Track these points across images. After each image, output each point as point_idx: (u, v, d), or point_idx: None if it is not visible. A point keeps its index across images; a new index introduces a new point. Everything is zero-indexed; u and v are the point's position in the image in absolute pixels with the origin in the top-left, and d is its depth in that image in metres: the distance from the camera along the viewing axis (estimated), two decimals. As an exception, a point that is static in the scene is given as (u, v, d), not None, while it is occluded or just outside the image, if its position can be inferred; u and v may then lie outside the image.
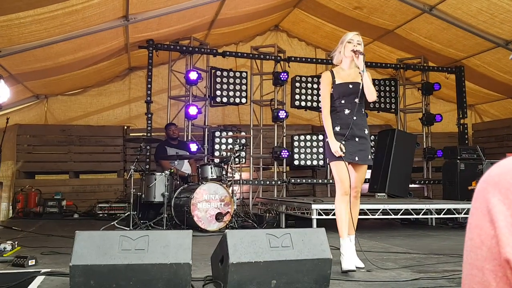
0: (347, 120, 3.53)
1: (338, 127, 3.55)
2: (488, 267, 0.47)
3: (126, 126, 9.01)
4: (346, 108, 3.55)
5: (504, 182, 0.47)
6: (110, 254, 2.40)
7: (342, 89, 3.57)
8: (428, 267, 3.54)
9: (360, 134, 3.55)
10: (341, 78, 3.60)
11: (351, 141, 3.53)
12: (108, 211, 7.58)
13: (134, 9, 5.89)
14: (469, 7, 6.70)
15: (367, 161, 3.57)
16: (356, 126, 3.54)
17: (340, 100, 3.58)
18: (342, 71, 3.64)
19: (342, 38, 3.66)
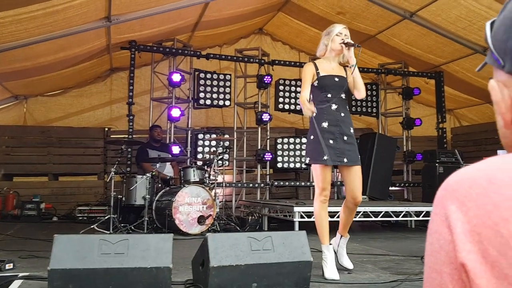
0: (335, 116, 3.30)
1: (326, 123, 3.28)
2: (446, 270, 0.49)
3: (107, 128, 8.93)
4: (333, 103, 3.31)
5: (461, 190, 0.50)
6: (89, 258, 2.39)
7: (328, 81, 3.35)
8: (407, 269, 3.59)
9: (348, 133, 3.32)
10: (325, 71, 3.39)
11: (339, 140, 3.28)
12: (88, 214, 7.48)
13: (116, 10, 5.85)
14: (448, 14, 6.83)
15: (358, 162, 3.32)
16: (344, 123, 3.31)
17: (326, 93, 3.34)
18: (326, 64, 3.43)
19: (328, 29, 3.45)
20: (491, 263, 0.45)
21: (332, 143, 3.25)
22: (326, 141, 3.23)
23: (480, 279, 0.46)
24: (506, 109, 0.59)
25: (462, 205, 0.49)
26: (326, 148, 3.21)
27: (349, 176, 3.33)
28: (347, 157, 3.27)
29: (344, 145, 3.29)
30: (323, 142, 3.23)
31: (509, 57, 0.57)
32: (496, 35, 0.59)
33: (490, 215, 0.46)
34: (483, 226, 0.47)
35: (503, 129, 0.62)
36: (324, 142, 3.22)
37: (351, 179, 3.32)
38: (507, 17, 0.57)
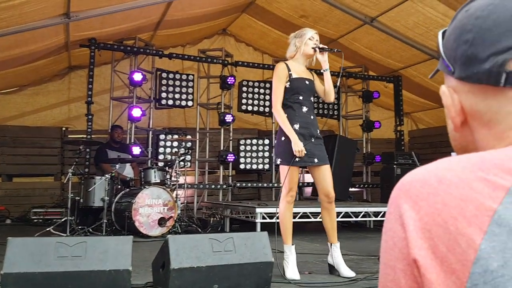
0: (306, 118, 3.38)
1: (298, 125, 3.34)
2: (399, 266, 0.51)
3: (65, 128, 8.67)
4: (304, 105, 3.39)
5: (414, 189, 0.52)
6: (45, 261, 2.32)
7: (299, 84, 3.41)
8: (365, 268, 3.68)
9: (316, 135, 3.42)
10: (297, 73, 3.45)
11: (309, 142, 3.35)
12: (43, 217, 7.23)
13: (76, 6, 5.70)
14: (406, 20, 7.05)
15: (327, 161, 3.42)
16: (313, 126, 3.40)
17: (297, 95, 3.39)
18: (297, 66, 3.49)
19: (300, 32, 3.50)
20: (440, 259, 0.47)
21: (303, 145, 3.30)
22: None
23: (430, 274, 0.48)
24: (455, 113, 0.62)
25: (415, 204, 0.51)
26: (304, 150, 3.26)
27: (320, 175, 3.40)
28: (317, 157, 3.36)
29: (313, 146, 3.37)
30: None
31: (458, 64, 0.60)
32: (447, 44, 0.62)
33: (440, 213, 0.49)
34: (433, 224, 0.49)
35: (453, 132, 0.65)
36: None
37: (322, 177, 3.40)
38: (457, 26, 0.61)
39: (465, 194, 0.49)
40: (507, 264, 0.44)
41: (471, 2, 0.61)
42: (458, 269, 0.46)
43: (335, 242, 3.50)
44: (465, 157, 0.53)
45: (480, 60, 0.56)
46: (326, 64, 3.44)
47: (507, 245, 0.45)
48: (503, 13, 0.55)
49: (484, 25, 0.57)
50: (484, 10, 0.57)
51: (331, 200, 3.44)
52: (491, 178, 0.49)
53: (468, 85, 0.59)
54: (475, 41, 0.57)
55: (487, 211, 0.47)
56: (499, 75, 0.55)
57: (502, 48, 0.54)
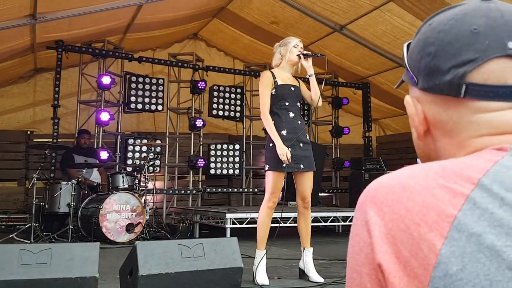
0: (293, 124, 3.43)
1: (285, 130, 3.40)
2: (365, 271, 0.53)
3: (30, 131, 8.43)
4: (290, 111, 3.45)
5: (380, 196, 0.54)
6: (8, 269, 2.24)
7: (285, 90, 3.48)
8: (333, 272, 3.73)
9: (304, 140, 3.47)
10: (282, 80, 3.52)
11: (297, 147, 3.40)
12: (6, 223, 6.98)
13: (43, 7, 5.57)
14: (375, 28, 7.21)
15: (312, 167, 3.47)
16: (300, 131, 3.45)
17: (284, 101, 3.46)
18: (283, 73, 3.56)
19: (285, 41, 3.59)
20: (403, 263, 0.49)
21: (290, 151, 3.33)
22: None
23: (394, 278, 0.49)
24: (419, 122, 0.64)
25: (380, 210, 0.53)
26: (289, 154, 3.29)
27: (303, 180, 3.46)
28: (303, 163, 3.41)
29: (301, 151, 3.42)
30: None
31: (421, 75, 0.62)
32: (411, 55, 0.65)
33: (403, 219, 0.51)
34: (397, 229, 0.51)
35: (417, 141, 0.67)
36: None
37: (303, 183, 3.45)
38: (421, 39, 0.63)
39: (427, 201, 0.50)
40: (466, 268, 0.46)
41: (435, 16, 0.63)
42: (420, 273, 0.48)
43: (308, 247, 3.53)
44: (428, 165, 0.55)
45: (442, 72, 0.59)
46: (311, 69, 3.52)
47: (465, 250, 0.47)
48: (463, 28, 0.58)
49: (446, 39, 0.59)
50: (446, 24, 0.60)
51: (307, 205, 3.49)
52: (451, 185, 0.51)
53: (431, 96, 0.62)
54: (437, 53, 0.59)
55: (447, 217, 0.49)
56: (460, 87, 0.57)
57: (462, 61, 0.57)
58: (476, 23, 0.58)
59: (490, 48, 0.56)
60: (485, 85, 0.56)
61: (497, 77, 0.56)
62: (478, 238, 0.47)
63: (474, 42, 0.57)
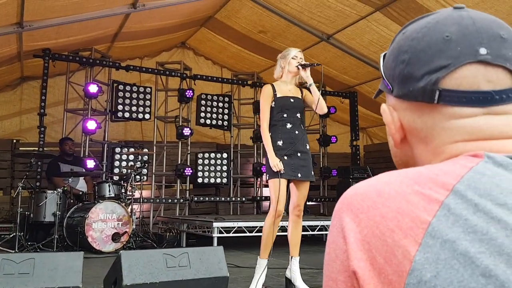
0: (290, 134, 3.49)
1: (281, 141, 3.48)
2: (341, 278, 0.52)
3: (16, 140, 8.33)
4: (288, 122, 3.51)
5: (355, 203, 0.54)
6: (-12, 279, 2.21)
7: (284, 102, 3.55)
8: (320, 282, 3.72)
9: (302, 149, 3.51)
10: (282, 92, 3.59)
11: (294, 157, 3.46)
12: (-10, 232, 6.89)
13: (29, 16, 5.53)
14: (362, 38, 7.29)
15: (310, 177, 3.51)
16: (298, 141, 3.50)
17: (282, 113, 3.53)
18: (284, 85, 3.63)
19: (284, 53, 3.67)
20: (378, 270, 0.49)
21: (287, 159, 3.41)
22: (281, 158, 3.41)
23: (368, 285, 0.49)
24: (395, 130, 0.65)
25: (355, 217, 0.53)
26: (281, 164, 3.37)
27: (298, 189, 3.50)
28: (301, 173, 3.45)
29: (298, 161, 3.47)
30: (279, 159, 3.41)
31: (396, 82, 0.63)
32: (386, 64, 0.66)
33: (378, 226, 0.50)
34: (372, 236, 0.50)
35: (394, 149, 0.68)
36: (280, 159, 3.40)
37: (299, 191, 3.50)
38: (395, 47, 0.64)
39: (401, 207, 0.50)
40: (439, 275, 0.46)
41: (408, 26, 0.65)
42: (395, 280, 0.48)
43: (296, 256, 3.53)
44: (404, 171, 0.55)
45: (415, 79, 0.60)
46: (310, 79, 3.56)
47: (439, 256, 0.47)
48: (436, 35, 0.59)
49: (418, 46, 0.60)
50: (419, 32, 0.61)
51: (299, 213, 3.51)
52: (426, 191, 0.51)
53: (406, 103, 0.62)
54: (410, 61, 0.60)
55: (422, 223, 0.49)
56: (433, 93, 0.58)
57: (434, 68, 0.58)
58: (448, 30, 0.59)
59: (462, 55, 0.57)
60: (458, 91, 0.57)
61: (470, 83, 0.57)
62: (452, 245, 0.47)
63: (447, 49, 0.58)
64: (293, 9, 7.06)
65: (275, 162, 3.34)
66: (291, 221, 3.55)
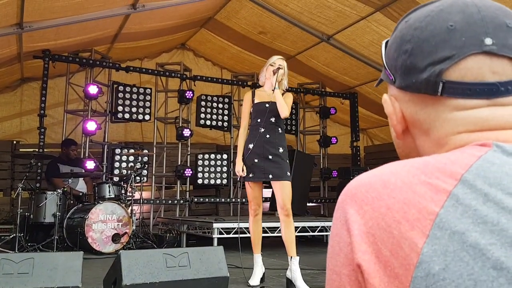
0: (261, 138, 3.66)
1: (251, 144, 3.68)
2: (344, 272, 0.51)
3: (16, 141, 8.32)
4: (261, 127, 3.68)
5: (360, 194, 0.52)
6: (-13, 279, 2.19)
7: (258, 107, 3.74)
8: (321, 282, 3.70)
9: (274, 152, 3.66)
10: (260, 98, 3.78)
11: (265, 160, 3.63)
12: (-10, 234, 6.87)
13: (29, 17, 5.53)
14: (362, 38, 7.27)
15: (284, 177, 3.62)
16: (269, 144, 3.66)
17: (256, 118, 3.73)
18: (263, 92, 3.82)
19: (268, 60, 3.84)
20: (384, 263, 0.47)
21: (257, 162, 3.63)
22: (252, 161, 3.64)
23: (373, 279, 0.47)
24: (397, 121, 0.63)
25: (360, 209, 0.51)
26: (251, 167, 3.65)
27: (277, 189, 3.66)
28: (272, 174, 3.62)
29: (268, 163, 3.64)
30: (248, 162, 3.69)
31: (399, 73, 0.61)
32: (388, 53, 0.64)
33: (383, 217, 0.49)
34: (377, 228, 0.49)
35: (396, 140, 0.66)
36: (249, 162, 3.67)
37: (278, 192, 3.64)
38: (397, 36, 0.62)
39: (408, 198, 0.49)
40: (448, 268, 0.44)
41: (411, 13, 0.63)
42: (401, 274, 0.46)
43: (294, 256, 3.57)
44: (410, 161, 0.54)
45: (418, 70, 0.58)
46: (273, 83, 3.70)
47: (448, 248, 0.45)
48: (440, 24, 0.57)
49: (422, 36, 0.58)
50: (422, 21, 0.59)
51: (287, 213, 3.59)
52: (433, 181, 0.49)
53: (409, 94, 0.61)
54: (413, 51, 0.59)
55: (429, 214, 0.47)
56: (436, 85, 0.56)
57: (438, 59, 0.56)
58: (452, 19, 0.57)
59: (467, 45, 0.55)
60: (462, 83, 0.55)
61: (474, 75, 0.55)
62: (461, 236, 0.45)
63: (450, 39, 0.56)
64: (293, 10, 7.05)
65: (238, 168, 3.64)
66: (281, 222, 3.67)
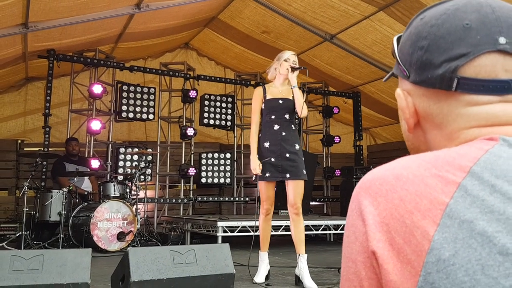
0: (276, 135, 3.56)
1: (268, 143, 3.57)
2: (360, 259, 0.54)
3: (21, 140, 8.38)
4: (275, 124, 3.59)
5: (374, 187, 0.56)
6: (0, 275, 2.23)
7: (272, 104, 3.63)
8: (325, 280, 3.73)
9: (290, 150, 3.56)
10: (272, 94, 3.67)
11: (281, 158, 3.53)
12: (-4, 232, 6.92)
13: (34, 17, 5.57)
14: (365, 38, 7.29)
15: (301, 176, 3.55)
16: (286, 142, 3.56)
17: (270, 115, 3.62)
18: (275, 88, 3.71)
19: (279, 55, 3.73)
20: (397, 250, 0.51)
21: (274, 161, 3.52)
22: (268, 160, 3.52)
23: (387, 264, 0.51)
24: (409, 115, 0.66)
25: (374, 200, 0.55)
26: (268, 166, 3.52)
27: (291, 188, 3.58)
28: (289, 173, 3.54)
29: (286, 162, 3.54)
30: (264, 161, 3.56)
31: (413, 68, 0.64)
32: (402, 49, 0.67)
33: (397, 208, 0.52)
34: (391, 218, 0.52)
35: (407, 133, 0.69)
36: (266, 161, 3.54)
37: (291, 190, 3.57)
38: (413, 33, 0.65)
39: (419, 189, 0.52)
40: (458, 254, 0.48)
41: (426, 11, 0.65)
42: (413, 259, 0.50)
43: (302, 253, 3.58)
44: (421, 155, 0.57)
45: (434, 66, 0.60)
46: (293, 81, 3.61)
47: (457, 236, 0.48)
48: (456, 22, 0.60)
49: (438, 33, 0.61)
50: (438, 19, 0.62)
51: (296, 211, 3.56)
52: (443, 174, 0.52)
53: (423, 89, 0.63)
54: (429, 47, 0.61)
55: (439, 205, 0.50)
56: (451, 80, 0.59)
57: (454, 55, 0.59)
58: (468, 18, 0.59)
59: (482, 43, 0.58)
60: (476, 79, 0.58)
61: (488, 72, 0.58)
62: (469, 225, 0.48)
63: (466, 37, 0.58)
64: (296, 9, 7.07)
65: (254, 166, 3.51)
66: (291, 220, 3.64)
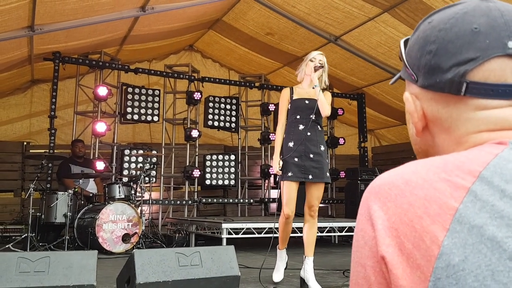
0: (301, 135, 3.52)
1: (292, 142, 3.53)
2: (369, 264, 0.54)
3: (26, 142, 8.42)
4: (300, 124, 3.56)
5: (383, 191, 0.55)
6: (6, 277, 2.24)
7: (298, 104, 3.61)
8: (330, 282, 3.73)
9: (315, 151, 3.52)
10: (298, 94, 3.66)
11: (305, 158, 3.48)
12: (2, 234, 6.95)
13: (40, 19, 5.60)
14: (370, 39, 7.28)
15: (324, 178, 3.52)
16: (310, 142, 3.52)
17: (295, 115, 3.59)
18: (301, 89, 3.70)
19: (306, 56, 3.73)
20: (406, 255, 0.51)
21: (297, 161, 3.47)
22: (291, 159, 3.47)
23: (397, 269, 0.51)
24: (418, 119, 0.66)
25: (383, 205, 0.54)
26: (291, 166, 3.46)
27: (311, 189, 3.56)
28: (312, 174, 3.49)
29: (309, 162, 3.50)
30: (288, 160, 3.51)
31: (422, 72, 0.63)
32: (410, 53, 0.66)
33: (406, 213, 0.52)
34: (400, 223, 0.52)
35: (415, 137, 0.69)
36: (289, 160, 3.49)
37: (312, 192, 3.56)
38: (421, 36, 0.64)
39: (429, 194, 0.52)
40: (467, 259, 0.47)
41: (433, 15, 0.65)
42: (423, 264, 0.49)
43: (310, 256, 3.58)
44: (430, 160, 0.57)
45: (442, 70, 0.60)
46: (315, 81, 3.60)
47: (467, 241, 0.48)
48: (464, 27, 0.60)
49: (446, 37, 0.60)
50: (447, 23, 0.61)
51: (313, 213, 3.58)
52: (453, 179, 0.52)
53: (431, 93, 0.63)
54: (438, 51, 0.61)
55: (449, 209, 0.50)
56: (460, 85, 0.59)
57: (463, 60, 0.58)
58: (476, 22, 0.59)
59: (491, 47, 0.57)
60: (485, 84, 0.58)
61: (497, 76, 0.57)
62: (479, 230, 0.48)
63: (475, 41, 0.58)
64: (301, 11, 7.07)
65: (275, 165, 3.50)
66: (306, 221, 3.63)
